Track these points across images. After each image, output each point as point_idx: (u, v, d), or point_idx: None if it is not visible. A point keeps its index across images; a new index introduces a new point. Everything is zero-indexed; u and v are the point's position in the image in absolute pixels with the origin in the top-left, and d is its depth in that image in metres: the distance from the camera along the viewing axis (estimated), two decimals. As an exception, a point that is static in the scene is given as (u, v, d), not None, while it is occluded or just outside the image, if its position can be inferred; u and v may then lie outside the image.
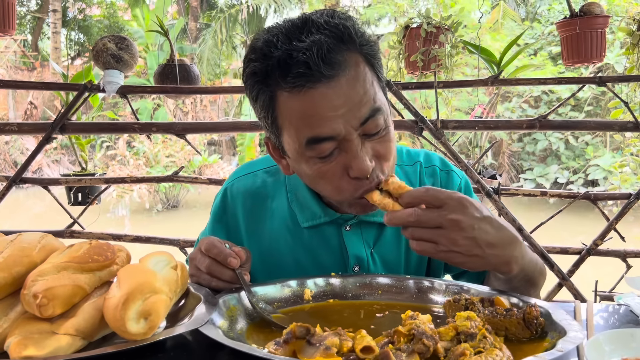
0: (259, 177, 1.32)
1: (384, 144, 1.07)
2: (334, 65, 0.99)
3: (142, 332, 0.81)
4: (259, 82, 1.05)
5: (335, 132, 1.02)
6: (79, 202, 3.18)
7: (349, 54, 1.02)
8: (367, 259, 1.24)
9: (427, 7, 2.45)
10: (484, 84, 2.77)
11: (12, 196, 3.01)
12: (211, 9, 16.27)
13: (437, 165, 1.34)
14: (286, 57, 0.99)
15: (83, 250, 0.89)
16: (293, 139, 1.06)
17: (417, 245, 0.97)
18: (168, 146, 11.27)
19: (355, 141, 1.03)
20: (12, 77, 13.96)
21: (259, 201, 1.30)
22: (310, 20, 1.02)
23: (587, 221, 6.64)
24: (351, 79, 1.02)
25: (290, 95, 1.01)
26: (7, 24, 2.74)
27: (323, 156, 1.05)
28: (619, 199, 2.81)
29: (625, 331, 0.87)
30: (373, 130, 1.05)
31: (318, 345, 0.77)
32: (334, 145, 1.04)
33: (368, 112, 1.03)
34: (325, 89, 1.00)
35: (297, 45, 0.98)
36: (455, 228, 0.94)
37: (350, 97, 1.01)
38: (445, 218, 0.94)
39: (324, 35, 1.00)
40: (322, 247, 1.25)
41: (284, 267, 1.26)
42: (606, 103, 10.87)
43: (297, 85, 0.99)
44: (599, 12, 2.67)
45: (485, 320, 0.86)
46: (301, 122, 1.03)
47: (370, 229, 1.26)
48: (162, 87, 2.98)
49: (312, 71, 0.98)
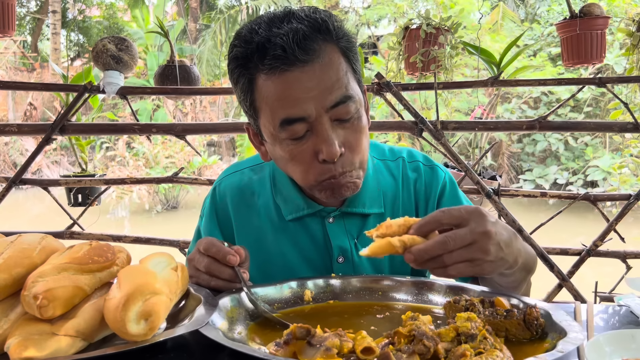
0: (245, 175, 1.37)
1: (354, 134, 1.12)
2: (308, 51, 1.05)
3: (143, 333, 0.81)
4: (239, 65, 1.11)
5: (306, 113, 1.07)
6: (79, 203, 3.18)
7: (324, 44, 1.09)
8: (351, 249, 1.27)
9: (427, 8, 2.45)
10: (483, 85, 2.77)
11: (12, 197, 3.01)
12: (211, 10, 16.27)
13: (420, 160, 1.37)
14: (265, 42, 1.06)
15: (83, 252, 0.89)
16: (269, 120, 1.11)
17: (452, 271, 0.92)
18: (168, 147, 11.27)
19: (326, 124, 1.09)
20: (12, 78, 13.95)
21: (245, 197, 1.34)
22: (292, 12, 1.10)
23: (587, 222, 6.65)
24: (324, 66, 1.08)
25: (266, 78, 1.08)
26: (6, 25, 2.74)
27: (295, 137, 1.10)
28: (618, 199, 2.81)
29: (625, 332, 0.87)
30: (344, 116, 1.10)
31: (318, 346, 0.77)
32: (306, 127, 1.09)
33: (339, 97, 1.08)
34: (299, 73, 1.06)
35: (276, 32, 1.05)
36: (486, 239, 0.93)
37: (322, 80, 1.07)
38: (476, 232, 0.92)
39: (302, 25, 1.06)
40: (306, 239, 1.28)
41: (272, 260, 1.29)
42: (605, 104, 10.87)
43: (273, 67, 1.06)
44: (599, 13, 2.68)
45: (485, 321, 0.86)
46: (276, 103, 1.08)
47: (353, 220, 1.28)
48: (162, 88, 2.98)
49: (287, 54, 1.04)
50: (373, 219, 1.28)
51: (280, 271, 1.27)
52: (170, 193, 11.72)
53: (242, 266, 1.09)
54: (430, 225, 0.93)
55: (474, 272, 0.94)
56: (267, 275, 1.24)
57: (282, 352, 0.79)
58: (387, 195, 1.31)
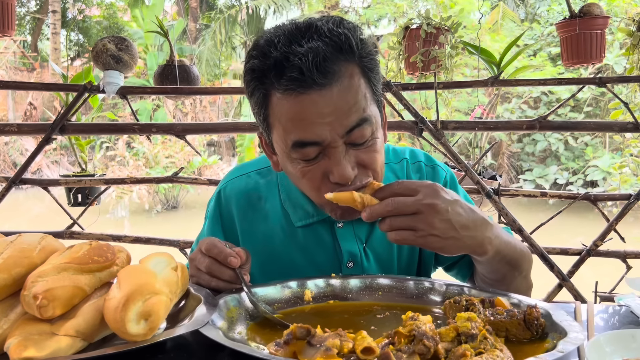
0: (252, 179, 1.34)
1: (368, 154, 1.09)
2: (327, 74, 1.01)
3: (142, 333, 0.81)
4: (255, 79, 1.07)
5: (320, 138, 1.04)
6: (79, 203, 3.18)
7: (345, 64, 1.04)
8: (360, 254, 1.26)
9: (427, 8, 2.45)
10: (483, 85, 2.77)
11: (12, 197, 3.01)
12: (210, 10, 16.27)
13: (422, 160, 1.37)
14: (283, 60, 1.01)
15: (83, 252, 0.89)
16: (282, 139, 1.08)
17: (396, 235, 0.99)
18: (167, 147, 11.27)
19: (340, 148, 1.06)
20: (12, 77, 13.95)
21: (252, 202, 1.31)
22: (315, 25, 1.04)
23: (587, 222, 6.64)
24: (343, 89, 1.03)
25: (282, 97, 1.04)
26: (6, 25, 2.74)
27: (307, 159, 1.08)
28: (619, 199, 2.81)
29: (625, 332, 0.87)
30: (359, 140, 1.07)
31: (318, 346, 0.77)
32: (319, 150, 1.06)
33: (355, 122, 1.05)
34: (316, 96, 1.01)
35: (295, 49, 1.00)
36: (432, 212, 0.98)
37: (339, 105, 1.03)
38: (421, 203, 0.98)
39: (323, 43, 1.01)
40: (316, 245, 1.27)
41: (280, 266, 1.27)
42: (605, 104, 10.87)
43: (289, 89, 1.02)
44: (599, 13, 2.68)
45: (485, 321, 0.86)
46: (290, 124, 1.05)
47: (361, 225, 1.28)
48: (161, 88, 2.98)
49: (304, 77, 1.00)
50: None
51: (288, 277, 1.23)
52: (170, 193, 11.72)
53: (243, 268, 1.09)
54: (385, 192, 1.02)
55: (420, 243, 1.00)
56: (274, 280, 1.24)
57: (282, 352, 0.79)
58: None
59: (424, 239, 0.99)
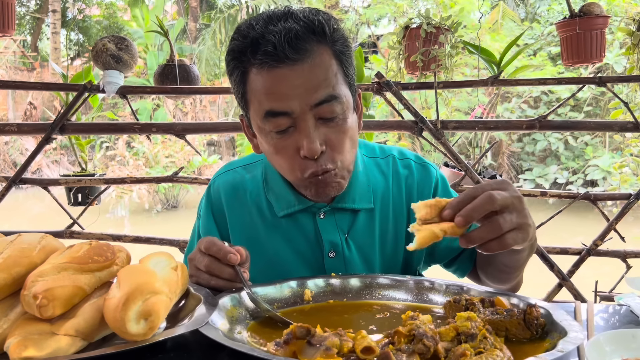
0: (238, 173, 1.40)
1: (337, 134, 1.14)
2: (299, 50, 1.08)
3: (142, 333, 0.81)
4: (235, 58, 1.15)
5: (290, 108, 1.10)
6: (79, 202, 3.18)
7: (318, 45, 1.11)
8: (342, 244, 1.28)
9: (427, 7, 2.44)
10: (483, 85, 2.77)
11: (12, 197, 3.01)
12: (210, 10, 16.26)
13: (411, 158, 1.39)
14: (259, 37, 1.10)
15: (83, 251, 0.89)
16: (256, 112, 1.15)
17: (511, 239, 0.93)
18: (167, 146, 11.27)
19: (309, 122, 1.11)
20: (12, 77, 13.95)
21: (239, 195, 1.36)
22: (291, 12, 1.13)
23: (587, 221, 6.64)
24: (314, 66, 1.10)
25: (257, 72, 1.11)
26: (6, 25, 2.74)
27: (279, 131, 1.13)
28: (619, 199, 2.81)
29: (625, 332, 0.87)
30: (327, 115, 1.12)
31: (318, 345, 0.77)
32: (289, 123, 1.12)
33: (324, 96, 1.11)
34: (287, 70, 1.09)
35: (271, 29, 1.09)
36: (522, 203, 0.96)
37: (309, 79, 1.10)
38: (515, 196, 0.96)
39: (297, 24, 1.09)
40: (298, 234, 1.30)
41: (265, 256, 1.30)
42: (605, 103, 10.87)
43: (263, 62, 1.09)
44: (599, 13, 2.68)
45: (485, 321, 0.86)
46: (263, 96, 1.12)
47: (343, 215, 1.30)
48: (161, 88, 2.98)
49: (277, 52, 1.07)
50: (363, 214, 1.31)
51: (273, 267, 1.29)
52: (170, 192, 11.72)
53: (243, 266, 1.10)
54: (468, 198, 0.94)
55: (523, 240, 0.95)
56: (260, 270, 1.26)
57: (282, 352, 0.79)
58: (377, 192, 1.33)
59: (526, 233, 0.96)
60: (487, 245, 0.93)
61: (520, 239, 0.95)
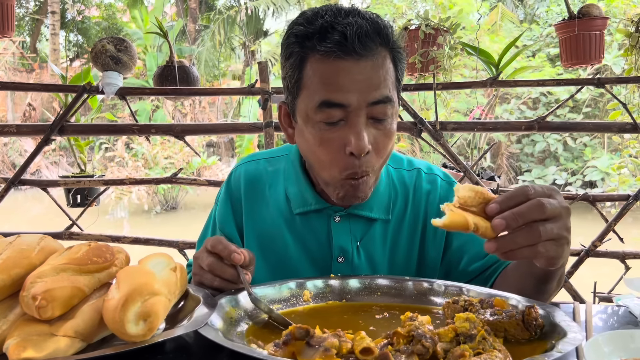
0: (261, 165, 1.39)
1: (384, 138, 1.15)
2: (366, 47, 1.09)
3: (141, 334, 0.81)
4: (296, 42, 1.14)
5: (347, 102, 1.10)
6: (78, 203, 3.18)
7: (381, 47, 1.13)
8: (352, 252, 1.27)
9: (426, 8, 2.44)
10: (482, 86, 2.77)
11: (11, 198, 3.01)
12: (210, 11, 16.27)
13: (439, 175, 1.37)
14: (328, 26, 1.10)
15: (82, 252, 0.89)
16: (309, 98, 1.13)
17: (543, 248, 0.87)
18: (167, 148, 11.27)
19: (362, 118, 1.11)
20: (11, 78, 13.95)
21: (258, 187, 1.36)
22: (358, 10, 1.14)
23: (586, 222, 6.63)
24: (376, 66, 1.11)
25: (320, 59, 1.11)
26: (6, 26, 2.74)
27: (330, 122, 1.12)
28: (617, 200, 2.81)
29: (624, 332, 0.87)
30: (380, 116, 1.13)
31: (317, 347, 0.77)
32: (342, 116, 1.11)
33: (381, 96, 1.11)
34: (351, 64, 1.09)
35: (340, 20, 1.09)
36: (568, 216, 0.91)
37: (370, 77, 1.10)
38: (563, 206, 0.89)
39: (366, 22, 1.10)
40: (310, 235, 1.29)
41: (276, 251, 1.30)
42: (604, 104, 10.88)
43: (329, 51, 1.09)
44: (598, 14, 2.68)
45: (484, 322, 0.86)
46: (321, 85, 1.11)
47: (358, 222, 1.29)
48: (161, 89, 2.98)
49: (347, 43, 1.08)
50: (378, 224, 1.29)
51: (282, 263, 1.29)
52: (170, 194, 11.71)
53: (247, 269, 1.09)
54: (518, 198, 0.87)
55: (556, 254, 0.88)
56: (269, 265, 1.27)
57: (281, 353, 0.79)
58: (396, 204, 1.32)
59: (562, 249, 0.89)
60: (516, 251, 0.86)
61: (554, 252, 0.88)
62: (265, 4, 15.09)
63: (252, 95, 2.85)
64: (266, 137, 2.74)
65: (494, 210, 0.86)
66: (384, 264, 1.30)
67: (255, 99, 12.07)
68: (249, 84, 2.81)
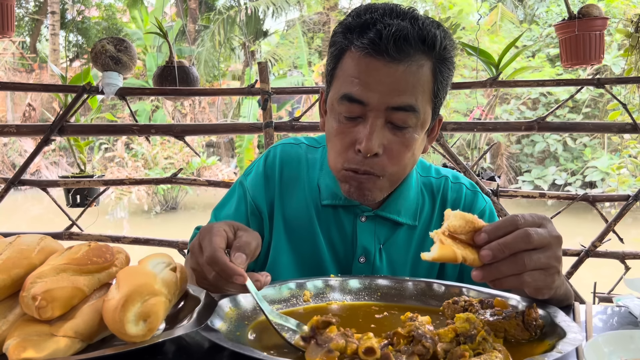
0: (302, 149, 1.38)
1: (400, 145, 1.13)
2: (401, 51, 1.07)
3: (141, 334, 0.80)
4: (341, 32, 1.15)
5: (367, 100, 1.10)
6: (78, 204, 3.18)
7: (422, 54, 1.10)
8: (375, 253, 1.27)
9: (426, 9, 2.45)
10: (482, 86, 2.77)
11: (10, 198, 3.01)
12: (210, 11, 16.27)
13: (465, 184, 1.36)
14: (370, 23, 1.09)
15: (82, 252, 0.89)
16: (337, 90, 1.15)
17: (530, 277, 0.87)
18: (166, 148, 11.27)
19: (378, 120, 1.10)
20: (11, 78, 13.94)
21: (296, 169, 1.34)
22: (413, 13, 1.13)
23: (586, 223, 6.64)
24: (408, 72, 1.09)
25: (354, 53, 1.11)
26: (5, 26, 2.74)
27: (349, 117, 1.13)
28: (617, 200, 2.82)
29: (624, 333, 0.87)
30: (398, 122, 1.11)
31: (324, 346, 0.77)
32: (361, 112, 1.11)
33: (403, 103, 1.09)
34: (381, 65, 1.08)
35: (385, 19, 1.08)
36: (559, 246, 0.92)
37: (397, 81, 1.08)
38: (553, 236, 0.90)
39: (412, 26, 1.08)
40: (336, 229, 1.29)
41: (304, 238, 1.29)
42: (604, 105, 10.89)
43: (363, 47, 1.09)
44: (598, 14, 2.68)
45: (484, 322, 0.86)
46: (348, 78, 1.12)
47: (384, 224, 1.28)
48: (160, 89, 2.98)
49: (380, 42, 1.07)
50: (404, 229, 1.29)
51: (308, 251, 1.28)
52: (169, 194, 11.71)
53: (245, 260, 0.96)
54: (506, 228, 0.87)
55: (544, 284, 0.89)
56: (295, 251, 1.27)
57: (305, 346, 0.81)
58: (423, 211, 1.31)
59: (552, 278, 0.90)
60: (502, 280, 0.87)
61: (542, 282, 0.88)
62: (265, 4, 15.09)
63: (252, 96, 2.85)
64: (266, 138, 2.74)
65: (483, 240, 0.87)
66: (406, 270, 1.29)
67: (255, 99, 12.03)
68: (248, 84, 2.82)
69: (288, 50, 14.88)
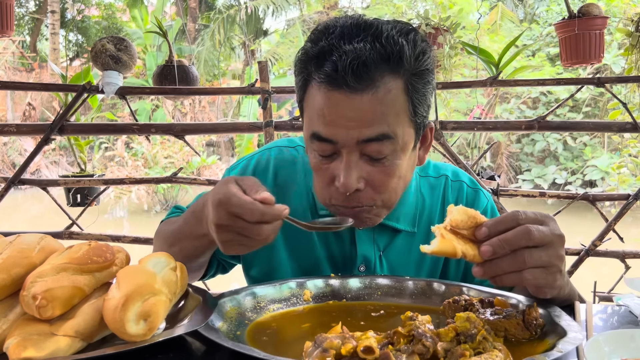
0: (300, 152, 1.32)
1: (381, 175, 1.06)
2: (361, 80, 0.98)
3: (142, 334, 0.81)
4: (302, 61, 1.07)
5: (335, 138, 1.03)
6: (78, 203, 3.18)
7: (389, 75, 1.01)
8: (375, 261, 1.24)
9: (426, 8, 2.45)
10: (482, 85, 2.77)
11: (11, 197, 3.01)
12: (209, 10, 16.26)
13: (465, 181, 1.32)
14: (326, 52, 1.00)
15: (82, 252, 0.89)
16: (306, 126, 1.09)
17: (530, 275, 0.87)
18: (166, 147, 11.27)
19: (353, 156, 1.03)
20: (11, 78, 13.94)
21: (291, 174, 1.29)
22: (376, 26, 1.02)
23: (586, 222, 6.64)
24: (375, 100, 1.00)
25: (316, 87, 1.04)
26: (5, 25, 2.74)
27: (323, 155, 1.07)
28: (617, 199, 2.82)
29: (624, 332, 0.87)
30: (374, 155, 1.04)
31: (319, 345, 0.77)
32: (334, 149, 1.05)
33: (374, 134, 1.01)
34: (344, 98, 1.00)
35: (340, 46, 0.99)
36: (561, 244, 0.90)
37: (364, 113, 1.00)
38: (555, 234, 0.89)
39: (372, 47, 0.98)
40: (335, 238, 1.25)
41: (302, 245, 1.25)
42: (604, 104, 10.89)
43: (322, 82, 1.01)
44: (598, 13, 2.68)
45: (484, 321, 0.86)
46: (314, 115, 1.05)
47: (383, 232, 1.24)
48: (160, 88, 2.98)
49: (337, 76, 0.99)
50: (403, 235, 1.25)
51: (307, 258, 1.24)
52: (169, 193, 11.71)
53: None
54: (508, 224, 0.87)
55: (545, 282, 0.89)
56: (294, 258, 1.24)
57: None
58: (423, 214, 1.27)
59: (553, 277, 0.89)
60: (502, 276, 0.87)
61: (542, 280, 0.88)
62: (265, 4, 15.09)
63: (252, 95, 2.85)
64: (266, 137, 2.74)
65: (483, 234, 0.87)
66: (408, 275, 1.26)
67: (255, 99, 12.03)
68: (248, 84, 2.81)
69: (288, 50, 14.87)
